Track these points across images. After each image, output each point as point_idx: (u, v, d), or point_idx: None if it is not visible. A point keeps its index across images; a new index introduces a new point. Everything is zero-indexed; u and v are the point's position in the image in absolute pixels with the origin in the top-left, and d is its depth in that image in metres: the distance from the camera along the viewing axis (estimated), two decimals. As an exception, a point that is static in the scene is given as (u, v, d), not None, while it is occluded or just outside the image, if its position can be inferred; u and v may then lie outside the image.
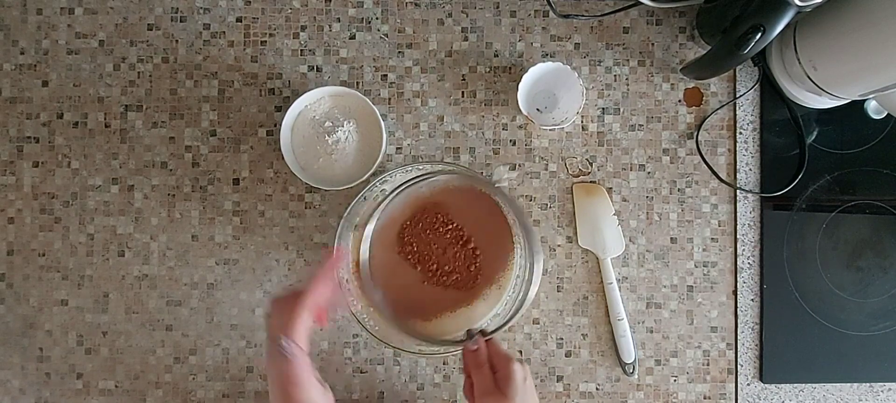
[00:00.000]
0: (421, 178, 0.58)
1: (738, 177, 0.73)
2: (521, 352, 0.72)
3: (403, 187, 0.58)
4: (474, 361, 0.58)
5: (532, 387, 0.57)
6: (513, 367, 0.55)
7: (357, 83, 0.72)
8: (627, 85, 0.73)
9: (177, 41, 0.72)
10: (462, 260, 0.65)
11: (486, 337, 0.58)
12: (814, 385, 0.73)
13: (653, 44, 0.73)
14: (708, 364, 0.73)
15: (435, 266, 0.65)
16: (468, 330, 0.61)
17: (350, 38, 0.72)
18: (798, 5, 0.54)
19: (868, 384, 0.73)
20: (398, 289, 0.66)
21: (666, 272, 0.73)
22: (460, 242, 0.65)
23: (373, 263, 0.66)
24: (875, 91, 0.60)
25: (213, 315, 0.73)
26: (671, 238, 0.73)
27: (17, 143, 0.73)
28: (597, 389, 0.73)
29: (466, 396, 0.59)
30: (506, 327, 0.60)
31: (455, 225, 0.66)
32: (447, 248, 0.65)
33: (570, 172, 0.73)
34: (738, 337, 0.73)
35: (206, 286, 0.72)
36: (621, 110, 0.73)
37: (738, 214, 0.73)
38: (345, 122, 0.68)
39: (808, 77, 0.64)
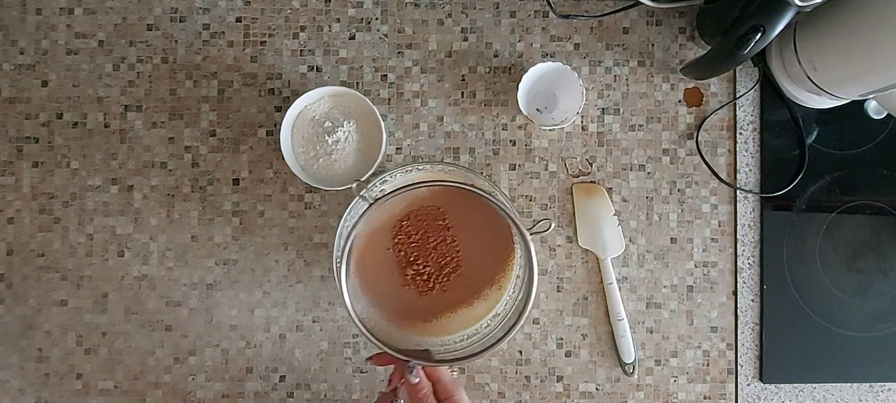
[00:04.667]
0: (406, 189, 0.57)
1: (738, 177, 0.73)
2: (520, 353, 0.72)
3: (388, 197, 0.57)
4: (415, 396, 0.51)
5: None
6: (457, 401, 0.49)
7: (357, 83, 0.72)
8: (627, 85, 0.73)
9: (176, 41, 0.72)
10: (458, 260, 0.65)
11: (428, 365, 0.52)
12: (814, 385, 0.73)
13: (653, 44, 0.73)
14: (708, 365, 0.73)
15: (431, 266, 0.65)
16: (408, 361, 0.53)
17: (350, 39, 0.72)
18: (798, 5, 0.54)
19: (868, 384, 0.73)
20: (395, 291, 0.66)
21: (666, 272, 0.73)
22: (455, 242, 0.65)
23: (367, 265, 0.65)
24: (875, 91, 0.60)
25: (212, 315, 0.72)
26: (671, 238, 0.73)
27: (16, 143, 0.73)
28: (597, 389, 0.73)
29: None
30: (488, 353, 0.57)
31: (450, 225, 0.65)
32: (443, 248, 0.65)
33: (570, 172, 0.73)
34: (738, 338, 0.72)
35: (206, 286, 0.72)
36: (621, 110, 0.73)
37: (738, 214, 0.73)
38: (345, 122, 0.68)
39: (808, 77, 0.64)
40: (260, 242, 0.72)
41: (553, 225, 0.60)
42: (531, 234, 0.54)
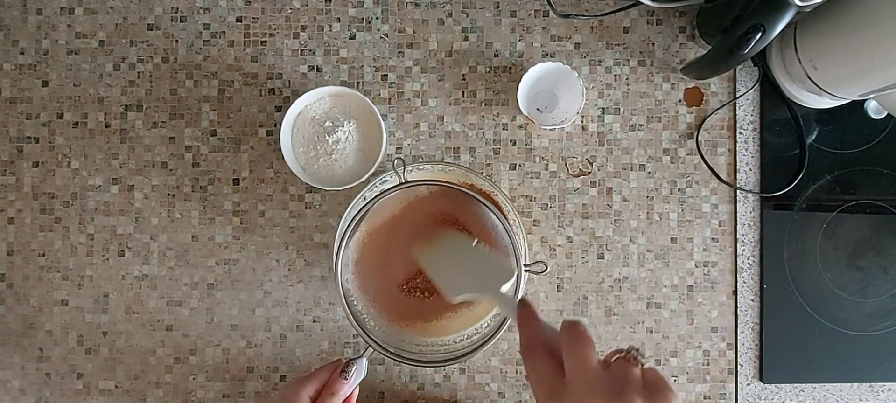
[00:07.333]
0: (398, 188, 0.57)
1: (738, 177, 0.73)
2: (521, 352, 0.72)
3: (385, 196, 0.58)
4: (333, 391, 0.54)
5: None
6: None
7: (357, 83, 0.72)
8: (627, 85, 0.73)
9: (177, 41, 0.72)
10: None
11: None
12: (814, 385, 0.73)
13: (653, 44, 0.73)
14: (708, 364, 0.73)
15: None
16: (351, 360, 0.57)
17: (350, 38, 0.72)
18: (798, 5, 0.54)
19: (868, 384, 0.73)
20: (397, 291, 0.66)
21: (666, 272, 0.73)
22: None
23: (368, 265, 0.65)
24: (875, 91, 0.60)
25: (213, 315, 0.73)
26: (671, 238, 0.73)
27: (17, 143, 0.73)
28: (597, 389, 0.73)
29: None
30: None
31: (455, 226, 0.66)
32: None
33: (570, 172, 0.73)
34: (738, 337, 0.73)
35: (207, 286, 0.73)
36: (621, 110, 0.73)
37: (738, 214, 0.73)
38: (345, 122, 0.68)
39: (808, 77, 0.64)
40: (261, 242, 0.72)
41: (547, 269, 0.59)
42: (525, 270, 0.57)
